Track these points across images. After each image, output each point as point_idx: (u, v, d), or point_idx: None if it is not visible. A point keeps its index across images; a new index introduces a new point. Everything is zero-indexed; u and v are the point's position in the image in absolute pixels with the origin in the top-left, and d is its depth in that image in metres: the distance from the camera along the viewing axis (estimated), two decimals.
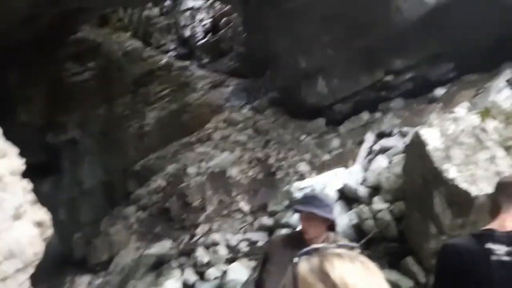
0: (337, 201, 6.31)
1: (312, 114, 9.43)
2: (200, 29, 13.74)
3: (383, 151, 7.32)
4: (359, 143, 8.05)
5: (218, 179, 9.14)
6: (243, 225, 8.13)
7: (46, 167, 10.44)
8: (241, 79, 11.86)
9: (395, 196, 5.95)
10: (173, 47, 13.34)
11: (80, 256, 9.71)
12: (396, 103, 8.66)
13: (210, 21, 13.87)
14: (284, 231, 6.49)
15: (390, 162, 6.78)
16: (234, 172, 9.06)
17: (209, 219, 8.50)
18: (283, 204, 7.29)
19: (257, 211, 8.18)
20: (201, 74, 12.06)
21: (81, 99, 11.13)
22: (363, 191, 6.32)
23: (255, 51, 10.93)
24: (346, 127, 8.82)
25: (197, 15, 13.86)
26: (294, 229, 6.10)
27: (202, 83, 11.72)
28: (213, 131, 10.59)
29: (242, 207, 8.47)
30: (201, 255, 7.22)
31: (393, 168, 6.30)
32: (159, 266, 7.67)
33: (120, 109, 11.41)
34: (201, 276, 6.91)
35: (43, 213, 2.07)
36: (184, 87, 11.44)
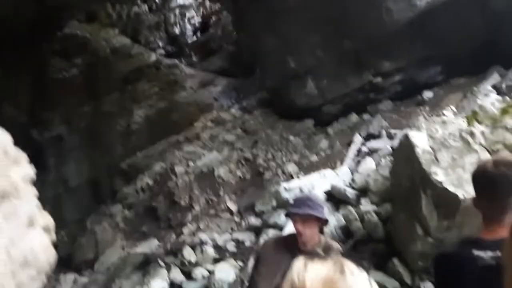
0: (325, 202, 6.33)
1: (300, 114, 9.44)
2: (189, 27, 13.67)
3: (371, 153, 7.37)
4: (348, 145, 8.08)
5: (205, 178, 9.10)
6: (231, 225, 8.10)
7: (31, 164, 10.27)
8: (230, 79, 11.83)
9: (382, 198, 6.00)
10: (162, 45, 13.25)
11: (65, 254, 9.58)
12: (384, 105, 8.72)
13: (199, 19, 13.82)
14: (271, 231, 6.49)
15: (378, 164, 6.83)
16: (222, 171, 9.03)
17: (197, 218, 8.45)
18: (271, 204, 7.28)
19: (244, 211, 8.16)
20: (190, 72, 11.99)
21: (67, 96, 10.99)
22: (351, 192, 6.35)
23: (244, 50, 10.92)
24: (334, 128, 8.86)
25: (187, 13, 13.79)
26: (281, 229, 6.11)
27: (190, 82, 11.65)
28: (202, 130, 10.54)
29: (229, 207, 8.44)
30: (188, 255, 7.18)
31: (380, 170, 6.34)
32: (145, 265, 7.61)
33: (107, 106, 11.29)
34: (188, 275, 6.88)
35: (49, 218, 2.03)
36: (172, 85, 11.36)
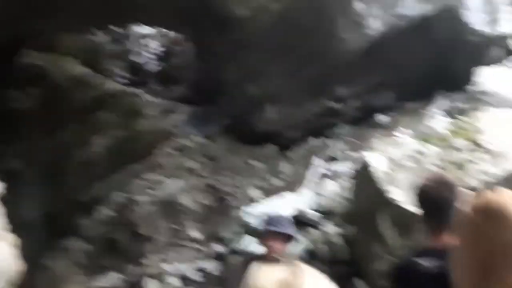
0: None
1: (262, 140, 9.58)
2: (151, 56, 13.71)
3: (332, 175, 7.55)
4: (309, 168, 8.25)
5: (168, 207, 8.98)
6: (195, 254, 7.99)
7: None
8: (193, 106, 11.87)
9: (344, 219, 6.13)
10: (123, 73, 13.18)
11: None
12: (343, 129, 9.01)
13: (162, 48, 13.89)
14: (237, 257, 6.45)
15: (339, 186, 7.00)
16: (184, 199, 8.95)
17: (159, 249, 8.28)
18: (236, 230, 7.26)
19: (208, 239, 8.09)
20: (151, 101, 11.94)
21: (23, 127, 10.66)
22: (314, 215, 6.45)
23: (207, 78, 11.04)
24: (296, 152, 9.02)
25: (150, 42, 13.84)
26: (247, 255, 6.09)
27: (152, 110, 11.59)
28: (164, 158, 10.45)
29: (193, 235, 8.34)
30: (152, 287, 7.00)
31: (341, 192, 6.50)
32: None
33: (65, 137, 11.01)
34: None
35: (13, 236, 2.07)
36: (133, 114, 11.25)
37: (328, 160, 8.21)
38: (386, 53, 8.30)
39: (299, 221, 6.51)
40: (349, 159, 7.78)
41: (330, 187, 7.13)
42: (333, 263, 5.78)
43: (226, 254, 7.05)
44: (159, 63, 13.95)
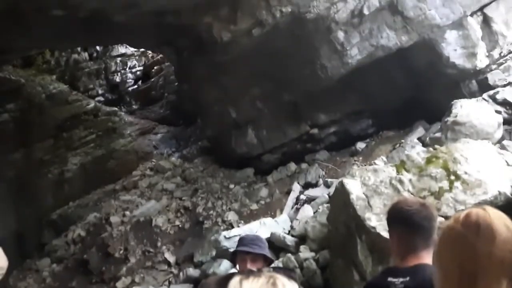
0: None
1: (241, 163, 9.56)
2: (131, 75, 13.67)
3: (309, 201, 7.55)
4: (287, 193, 8.25)
5: (143, 228, 8.80)
6: (168, 277, 7.81)
7: None
8: (171, 127, 11.83)
9: (320, 245, 6.10)
10: (101, 92, 13.08)
11: None
12: (321, 155, 9.08)
13: (141, 68, 13.88)
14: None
15: (315, 211, 7.00)
16: (160, 221, 8.80)
17: (132, 271, 8.07)
18: (211, 254, 7.15)
19: (183, 262, 7.93)
20: (129, 120, 11.85)
21: None
22: (290, 240, 6.41)
23: (186, 100, 11.03)
24: (274, 177, 9.03)
25: (129, 61, 13.82)
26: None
27: (130, 130, 11.49)
28: (140, 178, 10.30)
29: (167, 258, 8.17)
30: None
31: (318, 217, 6.49)
32: None
33: (39, 154, 10.74)
34: None
35: None
36: (111, 132, 11.12)
37: (305, 185, 8.23)
38: (364, 82, 8.47)
39: (274, 245, 6.47)
40: (327, 185, 7.81)
41: (307, 212, 7.12)
42: None
43: (199, 278, 6.90)
44: (138, 83, 13.91)
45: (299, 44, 8.14)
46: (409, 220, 2.17)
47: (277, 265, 6.02)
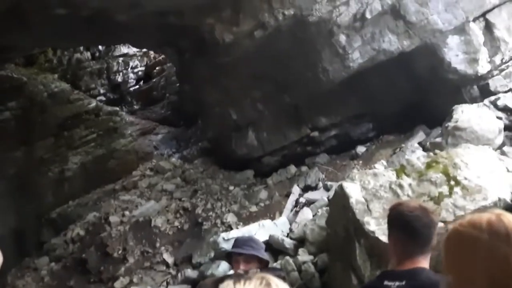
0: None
1: (241, 165, 9.56)
2: (132, 76, 13.69)
3: (309, 203, 7.55)
4: (286, 196, 8.24)
5: (142, 229, 8.80)
6: (166, 278, 7.80)
7: None
8: (172, 128, 11.83)
9: (319, 248, 6.09)
10: (103, 91, 13.10)
11: None
12: (321, 158, 9.07)
13: (143, 68, 13.90)
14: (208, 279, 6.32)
15: (315, 214, 6.99)
16: (159, 222, 8.79)
17: (130, 271, 8.06)
18: (209, 255, 7.14)
19: (181, 263, 7.93)
20: (130, 120, 11.86)
21: None
22: (289, 242, 6.40)
23: (187, 100, 11.03)
24: (273, 179, 9.02)
25: (131, 62, 13.84)
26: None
27: (131, 130, 11.50)
28: (140, 178, 10.31)
29: (165, 259, 8.16)
30: None
31: (317, 220, 6.48)
32: None
33: (40, 152, 10.76)
34: None
35: None
36: (112, 132, 11.13)
37: (305, 188, 8.22)
38: (365, 85, 8.47)
39: (272, 248, 6.47)
40: (327, 188, 7.81)
41: (306, 215, 7.12)
42: None
43: (197, 279, 6.89)
44: (139, 83, 13.93)
45: (301, 47, 8.15)
46: (409, 226, 2.16)
47: (274, 267, 6.01)
